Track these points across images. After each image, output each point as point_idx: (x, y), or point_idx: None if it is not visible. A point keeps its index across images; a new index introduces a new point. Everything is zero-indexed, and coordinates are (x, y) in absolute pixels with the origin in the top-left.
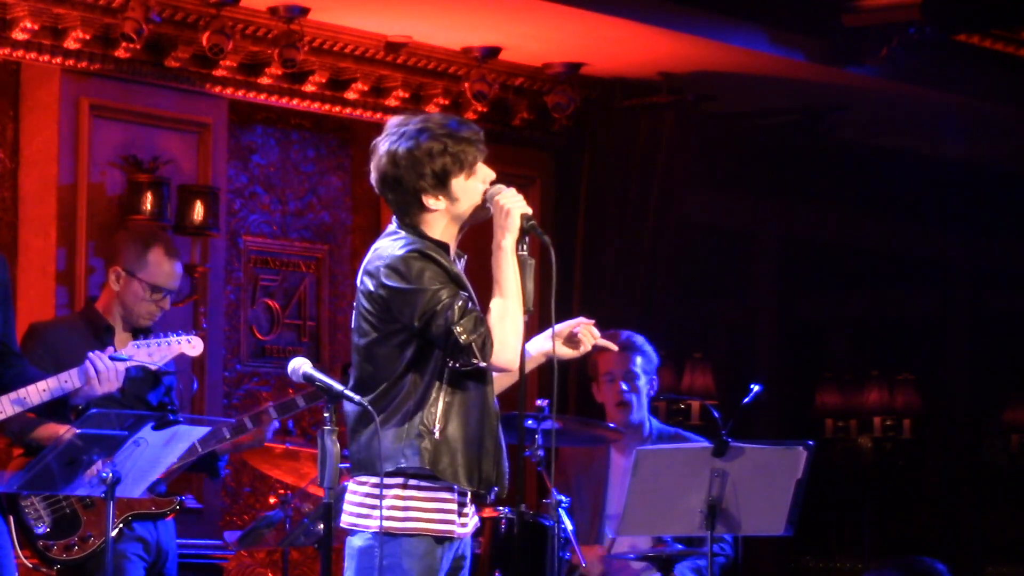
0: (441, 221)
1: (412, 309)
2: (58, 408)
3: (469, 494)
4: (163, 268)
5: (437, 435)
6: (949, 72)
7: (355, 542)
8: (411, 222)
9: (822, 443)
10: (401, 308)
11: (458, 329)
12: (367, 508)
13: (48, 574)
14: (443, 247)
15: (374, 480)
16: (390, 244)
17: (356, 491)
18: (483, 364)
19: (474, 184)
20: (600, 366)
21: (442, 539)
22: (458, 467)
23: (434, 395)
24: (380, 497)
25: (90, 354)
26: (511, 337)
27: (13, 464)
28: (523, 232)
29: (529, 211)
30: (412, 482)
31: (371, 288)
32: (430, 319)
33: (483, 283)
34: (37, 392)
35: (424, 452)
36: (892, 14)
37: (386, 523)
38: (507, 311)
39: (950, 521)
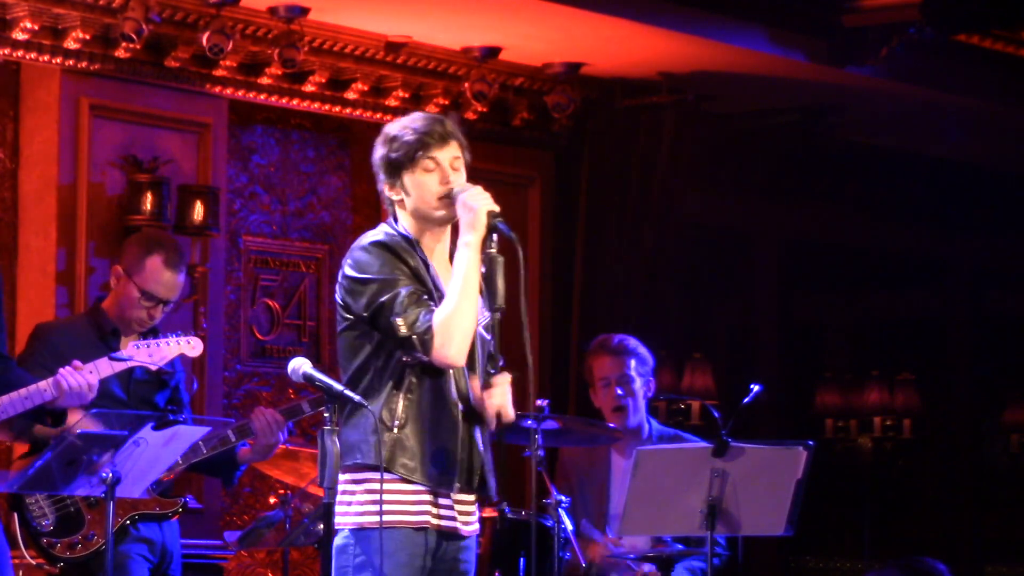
0: (406, 215)
1: (362, 299)
2: (39, 411)
3: (456, 488)
4: (158, 276)
5: (395, 430)
6: (949, 72)
7: (336, 541)
8: (392, 214)
9: (822, 443)
10: (355, 298)
11: (399, 321)
12: (344, 505)
13: (51, 571)
14: (410, 241)
15: (347, 476)
16: (365, 236)
17: (341, 489)
18: (426, 358)
19: (423, 179)
20: (595, 371)
21: (418, 531)
22: (414, 462)
23: (394, 389)
24: (356, 492)
25: (61, 370)
26: (455, 333)
27: (16, 464)
28: (491, 230)
29: (496, 208)
30: (385, 475)
31: (339, 279)
32: (378, 310)
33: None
34: (20, 399)
35: (379, 447)
36: (892, 14)
37: (359, 518)
38: (455, 307)
39: (950, 521)
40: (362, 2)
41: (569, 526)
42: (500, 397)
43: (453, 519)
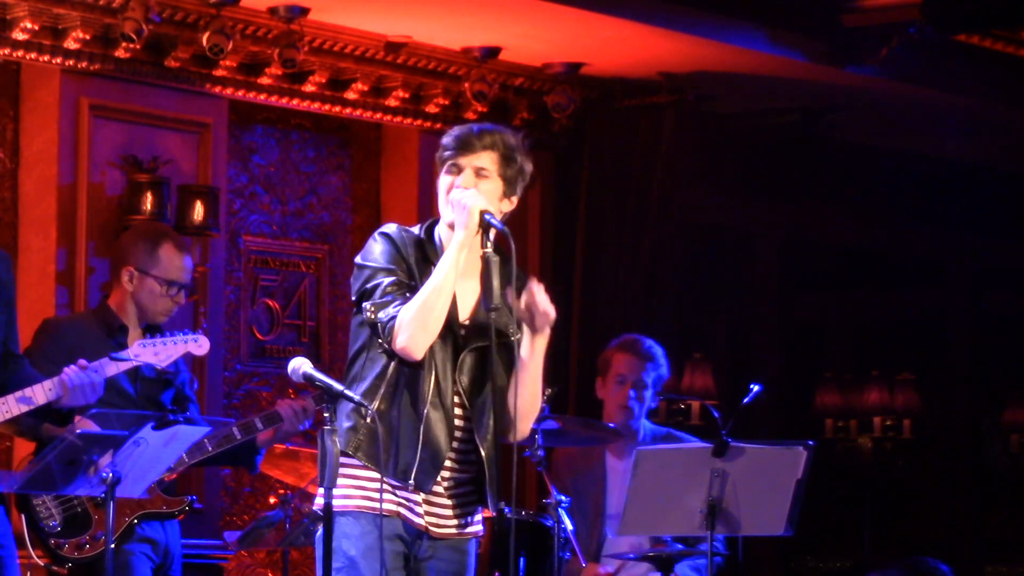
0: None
1: (356, 284)
2: (45, 410)
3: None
4: (175, 263)
5: (368, 419)
6: (949, 72)
7: None
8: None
9: (822, 443)
10: (353, 283)
11: (368, 306)
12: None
13: (59, 572)
14: (421, 240)
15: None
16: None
17: None
18: (389, 346)
19: (441, 181)
20: (613, 366)
21: (387, 517)
22: (384, 454)
23: (378, 378)
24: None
25: (66, 369)
26: (415, 326)
27: (19, 464)
28: (484, 229)
29: (486, 207)
30: (354, 461)
31: None
32: (361, 296)
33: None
34: (24, 398)
35: (350, 434)
36: (892, 14)
37: (334, 501)
38: (422, 301)
39: (950, 521)
40: (362, 2)
41: (569, 526)
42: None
43: (420, 516)
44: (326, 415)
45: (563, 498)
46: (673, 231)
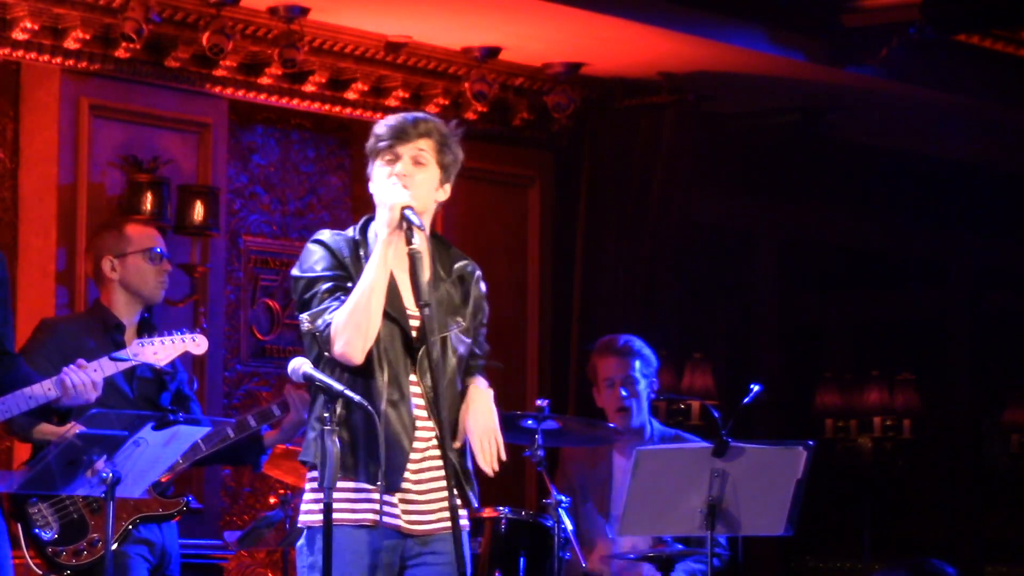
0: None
1: (295, 296)
2: (44, 409)
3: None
4: (147, 232)
5: (328, 426)
6: (949, 72)
7: (299, 540)
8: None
9: (822, 443)
10: (292, 296)
11: (303, 317)
12: (304, 506)
13: None
14: (357, 238)
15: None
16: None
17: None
18: (328, 353)
19: (376, 173)
20: (600, 371)
21: (360, 528)
22: (350, 459)
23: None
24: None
25: (65, 368)
26: (349, 329)
27: (18, 468)
28: (408, 224)
29: (406, 202)
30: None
31: None
32: (300, 306)
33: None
34: (24, 398)
35: (311, 445)
36: (892, 14)
37: (305, 517)
38: (352, 304)
39: (950, 521)
40: (362, 2)
41: (569, 526)
42: (474, 421)
43: (397, 517)
44: (326, 415)
45: (563, 498)
46: (673, 231)
